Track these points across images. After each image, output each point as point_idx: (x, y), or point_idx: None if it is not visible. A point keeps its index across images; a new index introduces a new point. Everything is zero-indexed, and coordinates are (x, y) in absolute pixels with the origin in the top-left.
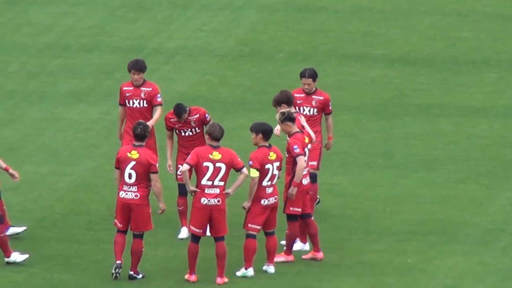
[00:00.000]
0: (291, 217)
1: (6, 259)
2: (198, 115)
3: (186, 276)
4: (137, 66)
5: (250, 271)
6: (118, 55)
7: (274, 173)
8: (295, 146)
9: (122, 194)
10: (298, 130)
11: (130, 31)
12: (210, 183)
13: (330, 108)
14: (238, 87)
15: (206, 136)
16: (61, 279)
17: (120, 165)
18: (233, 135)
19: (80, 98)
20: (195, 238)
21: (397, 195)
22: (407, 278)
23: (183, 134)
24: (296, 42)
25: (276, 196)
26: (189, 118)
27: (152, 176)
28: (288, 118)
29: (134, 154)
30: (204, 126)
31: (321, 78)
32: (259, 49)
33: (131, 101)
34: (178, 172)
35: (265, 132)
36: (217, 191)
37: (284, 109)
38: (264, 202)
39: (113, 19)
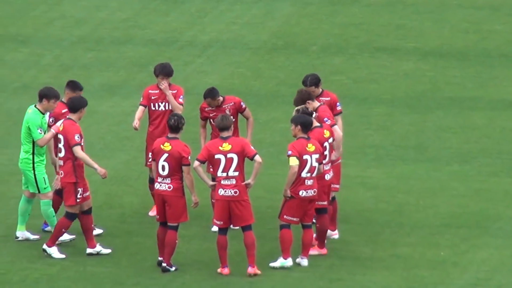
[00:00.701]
0: (319, 210)
1: (89, 250)
2: (233, 103)
3: (219, 270)
4: (165, 71)
5: (289, 261)
6: (152, 48)
7: (314, 165)
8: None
9: (157, 186)
10: (318, 125)
11: (163, 24)
12: (224, 174)
13: (338, 108)
14: (272, 80)
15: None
16: (94, 272)
17: (155, 157)
18: (266, 129)
19: (113, 91)
20: (221, 230)
21: (430, 188)
22: (440, 271)
23: None
24: (329, 35)
25: (315, 189)
26: (223, 106)
27: (184, 168)
28: (305, 113)
29: (167, 146)
30: (240, 115)
31: (354, 71)
32: (292, 42)
33: (156, 104)
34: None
35: (304, 124)
36: (233, 181)
37: (310, 105)
38: (302, 193)
39: (146, 12)
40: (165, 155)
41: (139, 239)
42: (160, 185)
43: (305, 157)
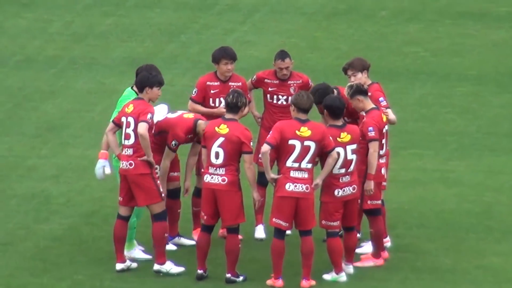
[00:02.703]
0: (372, 212)
1: (158, 267)
2: (301, 81)
3: (270, 282)
4: (230, 53)
5: (343, 277)
6: (184, 13)
7: (350, 158)
8: (370, 128)
9: (207, 178)
10: (374, 106)
11: None
12: (296, 165)
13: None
14: (331, 52)
15: (292, 108)
16: None
17: (206, 142)
18: None
19: (137, 66)
20: (279, 233)
21: None
22: None
23: (275, 101)
24: None
25: (354, 186)
26: (289, 82)
27: (245, 157)
28: (359, 91)
29: (223, 129)
30: None
31: (433, 41)
32: (357, 6)
33: (217, 99)
34: (260, 155)
35: (331, 108)
36: (305, 175)
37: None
38: (338, 193)
39: None
40: (221, 139)
41: (169, 247)
42: (212, 177)
43: (336, 150)
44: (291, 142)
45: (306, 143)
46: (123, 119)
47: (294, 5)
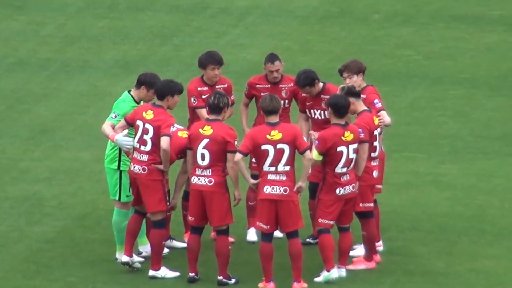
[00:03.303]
0: (364, 215)
1: (153, 273)
2: (292, 84)
3: (262, 285)
4: (217, 59)
5: (334, 273)
6: (176, 15)
7: (351, 157)
8: (360, 130)
9: (194, 180)
10: (366, 108)
11: None
12: (273, 169)
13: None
14: (324, 55)
15: (262, 112)
16: None
17: (192, 144)
18: None
19: (129, 68)
20: (266, 236)
21: None
22: None
23: None
24: (395, 0)
25: (354, 185)
26: (280, 85)
27: (229, 156)
28: (350, 93)
29: (207, 130)
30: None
31: (425, 44)
32: (349, 9)
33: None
34: (253, 159)
35: (335, 106)
36: (283, 178)
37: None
38: (339, 191)
39: None
40: (205, 140)
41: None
42: (199, 179)
43: (340, 148)
44: (263, 147)
45: (279, 146)
46: (139, 123)
47: (286, 8)
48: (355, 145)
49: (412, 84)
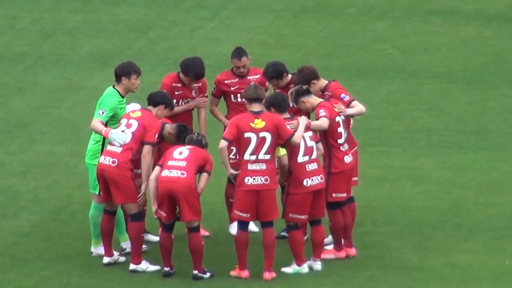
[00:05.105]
0: (332, 205)
1: (134, 266)
2: (258, 76)
3: (235, 272)
4: (201, 74)
5: (305, 268)
6: (151, 9)
7: (309, 145)
8: (321, 110)
9: (165, 173)
10: (322, 100)
11: None
12: (254, 157)
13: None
14: (299, 49)
15: (245, 101)
16: (81, 284)
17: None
18: None
19: (105, 62)
20: (243, 225)
21: (493, 182)
22: (505, 284)
23: (239, 100)
24: None
25: (322, 176)
26: (248, 77)
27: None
28: (300, 94)
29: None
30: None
31: (401, 38)
32: (325, 3)
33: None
34: (231, 156)
35: (276, 104)
36: (264, 166)
37: (316, 85)
38: (307, 182)
39: None
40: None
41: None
42: (170, 171)
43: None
44: (246, 135)
45: (262, 134)
46: (123, 120)
47: (262, 2)
48: (310, 133)
49: (387, 78)
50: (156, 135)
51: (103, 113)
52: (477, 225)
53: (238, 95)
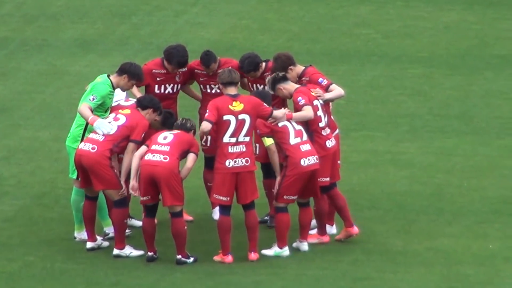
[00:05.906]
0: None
1: (117, 251)
2: (230, 67)
3: (218, 257)
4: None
5: (286, 251)
6: None
7: (297, 128)
8: (299, 98)
9: (148, 156)
10: (298, 85)
11: None
12: (234, 140)
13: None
14: (283, 34)
15: (220, 86)
16: (64, 269)
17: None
18: None
19: (88, 47)
20: (225, 209)
21: (476, 166)
22: (488, 267)
23: (208, 90)
24: None
25: (316, 156)
26: (218, 70)
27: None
28: (277, 81)
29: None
30: None
31: (384, 23)
32: None
33: (163, 86)
34: (203, 142)
35: (262, 98)
36: (243, 148)
37: (293, 71)
38: (304, 162)
39: None
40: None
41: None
42: (153, 155)
43: (282, 124)
44: (226, 117)
45: (241, 116)
46: (112, 114)
47: None
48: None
49: (370, 63)
50: (142, 135)
51: (93, 99)
52: (461, 210)
53: (207, 86)
